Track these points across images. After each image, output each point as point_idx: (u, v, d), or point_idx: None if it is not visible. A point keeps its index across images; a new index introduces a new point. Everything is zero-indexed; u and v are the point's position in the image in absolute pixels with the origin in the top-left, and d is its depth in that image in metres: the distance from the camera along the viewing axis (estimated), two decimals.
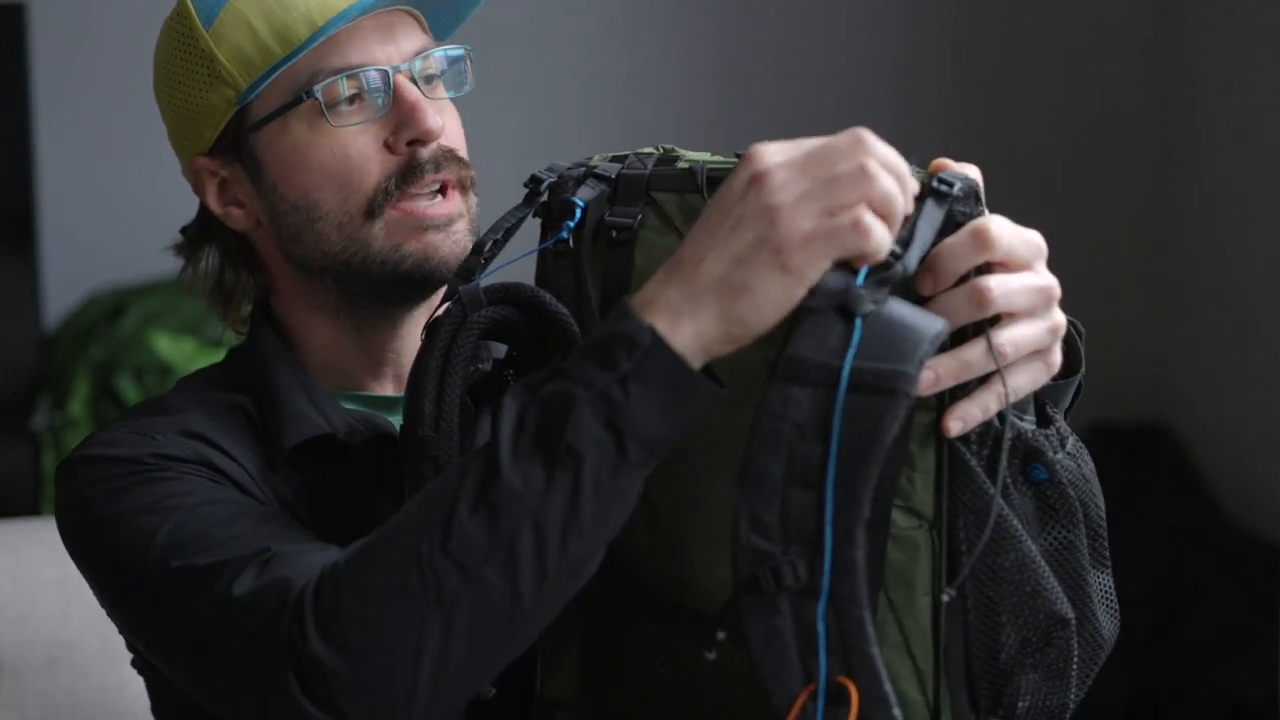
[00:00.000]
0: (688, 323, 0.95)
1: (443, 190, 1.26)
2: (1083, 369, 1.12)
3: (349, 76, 1.24)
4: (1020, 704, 1.03)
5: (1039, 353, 1.02)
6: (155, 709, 1.30)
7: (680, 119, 3.31)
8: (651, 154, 1.12)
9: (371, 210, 1.24)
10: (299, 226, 1.27)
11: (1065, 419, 1.12)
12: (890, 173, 0.95)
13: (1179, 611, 3.04)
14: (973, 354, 0.99)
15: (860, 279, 0.94)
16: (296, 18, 1.24)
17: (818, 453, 0.92)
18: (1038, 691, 1.04)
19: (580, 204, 1.10)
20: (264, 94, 1.26)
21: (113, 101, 3.11)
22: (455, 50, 1.31)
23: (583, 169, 1.12)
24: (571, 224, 1.10)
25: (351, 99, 1.24)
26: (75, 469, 1.21)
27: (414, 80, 1.26)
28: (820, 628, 0.93)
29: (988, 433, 1.01)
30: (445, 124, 1.27)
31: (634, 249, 1.09)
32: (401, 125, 1.24)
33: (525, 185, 1.14)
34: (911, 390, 0.92)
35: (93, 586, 1.21)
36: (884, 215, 0.95)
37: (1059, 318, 1.04)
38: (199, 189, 1.32)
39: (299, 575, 1.03)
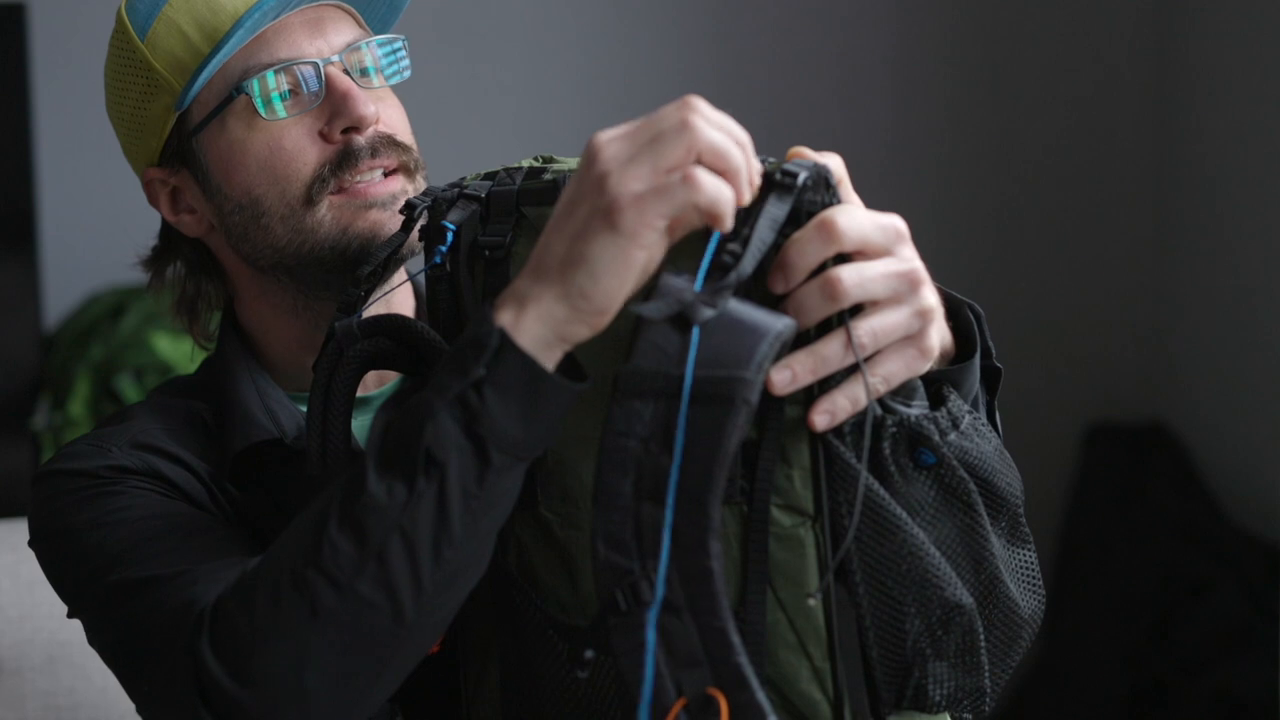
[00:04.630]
0: (531, 309, 0.95)
1: (386, 174, 1.27)
2: (980, 349, 1.10)
3: (279, 70, 1.25)
4: (934, 692, 1.02)
5: (909, 339, 0.99)
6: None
7: None
8: (521, 168, 1.11)
9: (310, 198, 1.25)
10: (245, 225, 1.28)
11: (994, 402, 1.11)
12: (717, 128, 0.95)
13: (1179, 611, 3.04)
14: (829, 348, 0.97)
15: (699, 283, 0.93)
16: (224, 18, 1.26)
17: (666, 465, 0.92)
18: (949, 678, 1.02)
19: (451, 227, 1.09)
20: (201, 98, 1.27)
21: None
22: (387, 40, 1.31)
23: (456, 190, 1.12)
24: (444, 248, 1.09)
25: (284, 93, 1.26)
26: (38, 484, 1.26)
27: (346, 71, 1.27)
28: (649, 637, 0.92)
29: (863, 423, 1.00)
30: (382, 112, 1.28)
31: (509, 266, 1.08)
32: (335, 114, 1.25)
33: (400, 211, 1.14)
34: (751, 396, 0.91)
35: (56, 591, 1.25)
36: (719, 170, 0.94)
37: (927, 301, 1.00)
38: (153, 200, 1.35)
39: (205, 596, 1.05)
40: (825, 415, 0.98)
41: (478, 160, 1.32)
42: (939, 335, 1.02)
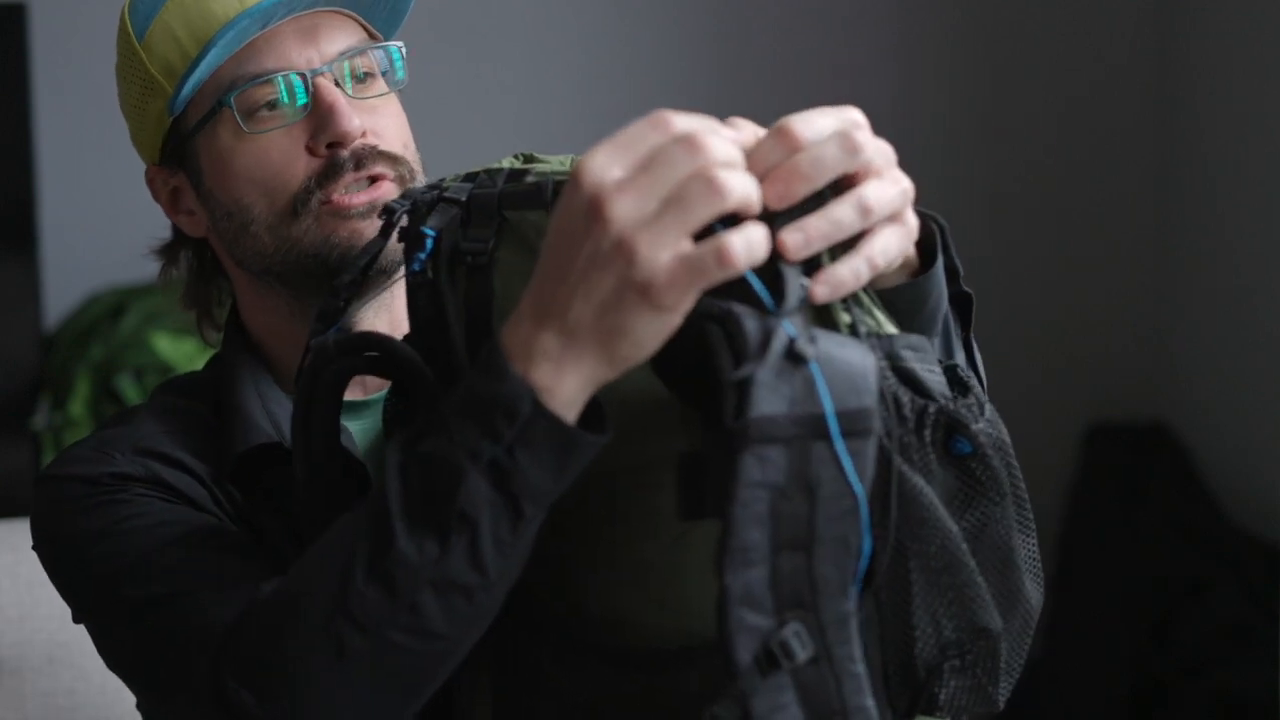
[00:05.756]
0: (570, 374, 0.91)
1: (374, 181, 1.26)
2: (947, 268, 1.07)
3: (264, 82, 1.25)
4: (945, 701, 1.00)
5: (895, 216, 0.96)
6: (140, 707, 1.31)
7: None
8: (503, 169, 1.07)
9: (295, 210, 1.25)
10: (235, 231, 1.28)
11: (971, 336, 1.07)
12: (731, 167, 0.88)
13: (1179, 611, 3.04)
14: (841, 210, 0.92)
15: (770, 304, 0.89)
16: (213, 24, 1.25)
17: (804, 510, 0.88)
18: (964, 693, 1.00)
19: (430, 233, 1.05)
20: (195, 102, 1.27)
21: (113, 101, 3.10)
22: (384, 47, 1.30)
23: (435, 193, 1.07)
24: (423, 255, 1.05)
25: (271, 104, 1.25)
26: (41, 488, 1.26)
27: (338, 82, 1.26)
28: (790, 698, 0.88)
29: (916, 411, 0.97)
30: (375, 121, 1.27)
31: (493, 273, 1.05)
32: (319, 128, 1.25)
33: (379, 216, 1.11)
34: (878, 427, 0.89)
35: (62, 597, 1.25)
36: (746, 214, 0.89)
37: (906, 180, 0.97)
38: (156, 197, 1.35)
39: (220, 619, 1.05)
40: (826, 287, 0.93)
41: (478, 160, 1.32)
42: (913, 219, 0.99)
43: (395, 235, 1.08)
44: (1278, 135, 3.08)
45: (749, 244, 0.87)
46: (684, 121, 0.88)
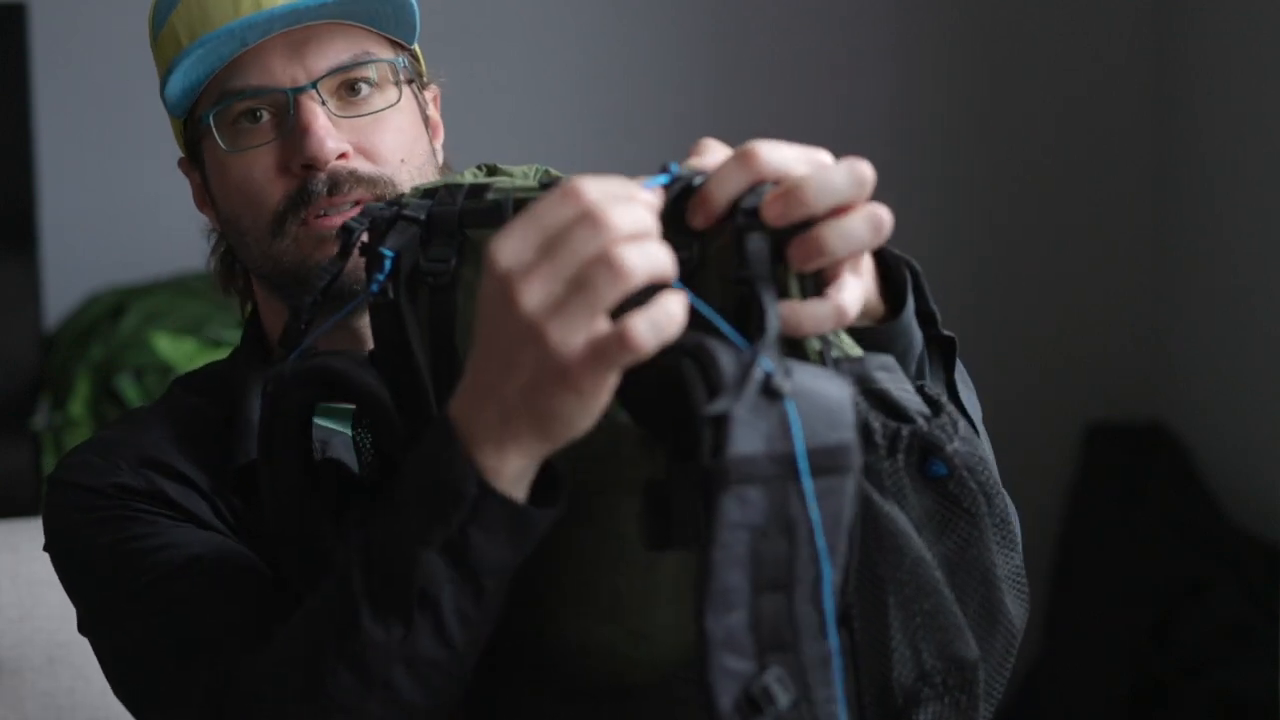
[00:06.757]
0: (511, 451, 0.91)
1: (358, 203, 1.23)
2: (919, 311, 1.03)
3: (239, 99, 1.24)
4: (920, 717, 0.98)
5: (857, 258, 0.93)
6: None
7: (681, 115, 3.31)
8: (462, 186, 1.04)
9: (275, 229, 1.24)
10: (233, 238, 1.30)
11: (954, 379, 1.05)
12: (637, 241, 0.85)
13: (1179, 611, 3.04)
14: (855, 223, 0.90)
15: (735, 337, 0.87)
16: (208, 29, 1.23)
17: (784, 550, 0.86)
18: (940, 716, 0.98)
19: (388, 254, 1.03)
20: (199, 106, 1.26)
21: (113, 101, 3.11)
22: (380, 61, 1.27)
23: (394, 210, 1.04)
24: (381, 276, 1.03)
25: (251, 116, 1.24)
26: (51, 491, 1.27)
27: (325, 101, 1.24)
28: None
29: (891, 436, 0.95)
30: (367, 139, 1.25)
31: (456, 292, 1.03)
32: (294, 149, 1.23)
33: (336, 236, 1.09)
34: (857, 460, 0.87)
35: (71, 601, 1.27)
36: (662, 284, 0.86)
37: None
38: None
39: (214, 675, 1.08)
40: (809, 320, 0.92)
41: (477, 160, 1.32)
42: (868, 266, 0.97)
43: (357, 254, 1.06)
44: (1276, 135, 3.09)
45: (654, 325, 0.84)
46: (593, 192, 0.85)
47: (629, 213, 0.85)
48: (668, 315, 0.85)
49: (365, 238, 1.06)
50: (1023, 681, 3.25)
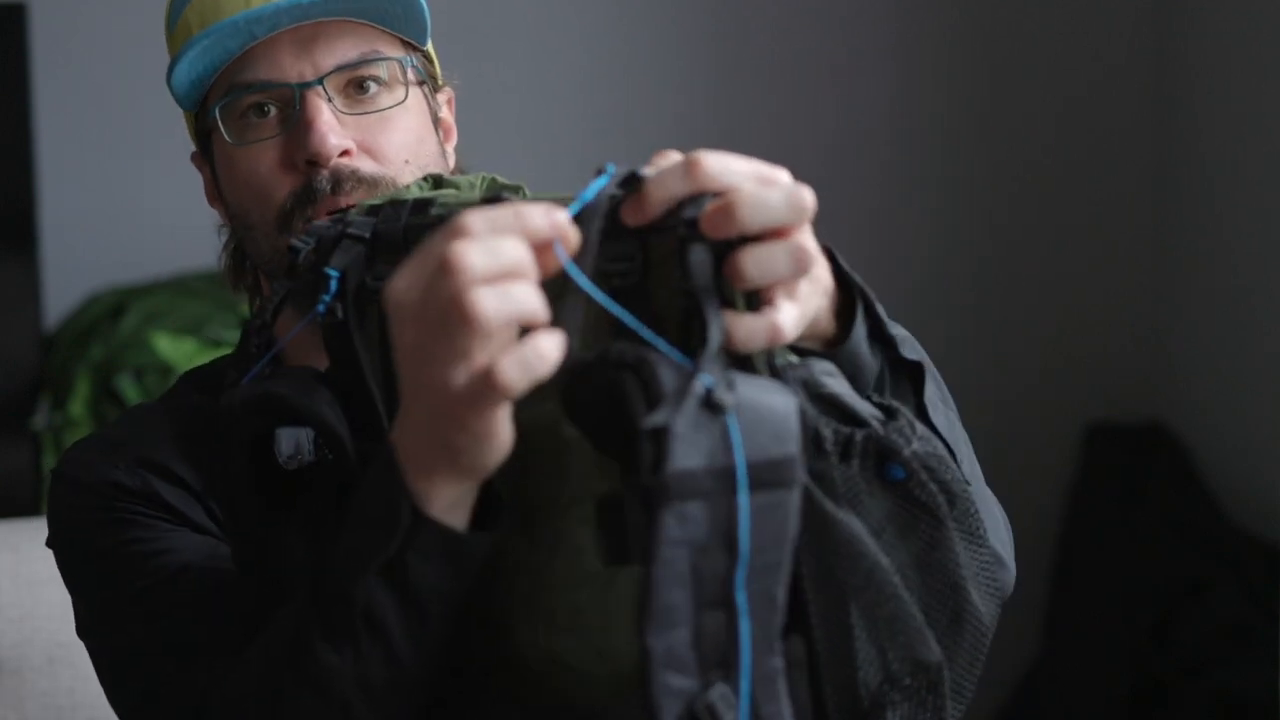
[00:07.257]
0: (439, 480, 0.91)
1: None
2: (880, 336, 1.02)
3: (245, 93, 1.23)
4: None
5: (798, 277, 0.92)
6: None
7: (681, 115, 3.31)
8: (407, 201, 1.04)
9: (282, 225, 1.24)
10: (242, 232, 1.29)
11: (924, 403, 1.04)
12: (492, 285, 0.85)
13: (1179, 611, 3.04)
14: (776, 252, 0.89)
15: (671, 352, 0.86)
16: (218, 20, 1.23)
17: (724, 565, 0.85)
18: (908, 717, 0.97)
19: (334, 274, 1.02)
20: (209, 100, 1.26)
21: (113, 101, 3.11)
22: (390, 59, 1.27)
23: (339, 229, 1.04)
24: (327, 297, 1.02)
25: (258, 110, 1.24)
26: (54, 485, 1.28)
27: (331, 98, 1.23)
28: None
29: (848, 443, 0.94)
30: (373, 138, 1.24)
31: None
32: (298, 145, 1.23)
33: (285, 254, 1.08)
34: (801, 474, 0.86)
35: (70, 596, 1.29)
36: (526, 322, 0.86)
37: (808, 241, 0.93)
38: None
39: (194, 692, 1.09)
40: (754, 333, 0.90)
41: (477, 160, 1.32)
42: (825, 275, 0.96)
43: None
44: (1276, 135, 3.08)
45: (523, 365, 0.84)
46: (465, 231, 0.85)
47: (491, 254, 0.85)
48: (538, 355, 0.84)
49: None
50: (1023, 681, 3.25)
